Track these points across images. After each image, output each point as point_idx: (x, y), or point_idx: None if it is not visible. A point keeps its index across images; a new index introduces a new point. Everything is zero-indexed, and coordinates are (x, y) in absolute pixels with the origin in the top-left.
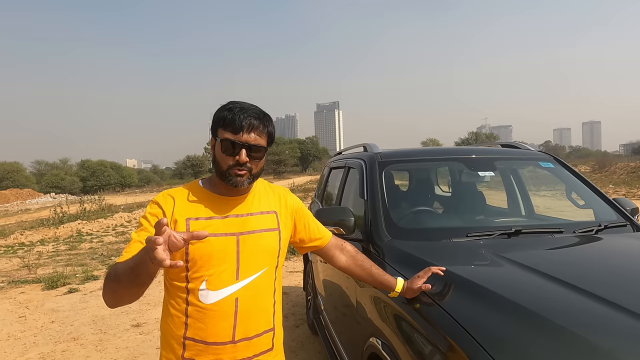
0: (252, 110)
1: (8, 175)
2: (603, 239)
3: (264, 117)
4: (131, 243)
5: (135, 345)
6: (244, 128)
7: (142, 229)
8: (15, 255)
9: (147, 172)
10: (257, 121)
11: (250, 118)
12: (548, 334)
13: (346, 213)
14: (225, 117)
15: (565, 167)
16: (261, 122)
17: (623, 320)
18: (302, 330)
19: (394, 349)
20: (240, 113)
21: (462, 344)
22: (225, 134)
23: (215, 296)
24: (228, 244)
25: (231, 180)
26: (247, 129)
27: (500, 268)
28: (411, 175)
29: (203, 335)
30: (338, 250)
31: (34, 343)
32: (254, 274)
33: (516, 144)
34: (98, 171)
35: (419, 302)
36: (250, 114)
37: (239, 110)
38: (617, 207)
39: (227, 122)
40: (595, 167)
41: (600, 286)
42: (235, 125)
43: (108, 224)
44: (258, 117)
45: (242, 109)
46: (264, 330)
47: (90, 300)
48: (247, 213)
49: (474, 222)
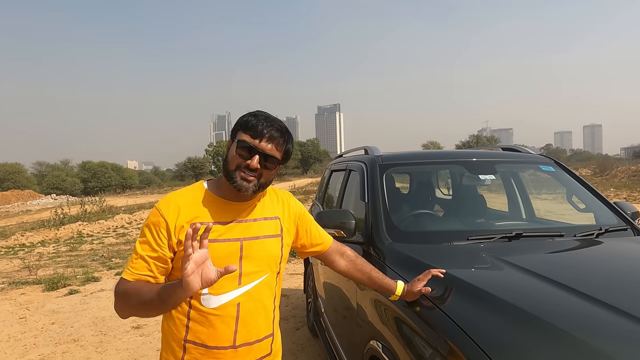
0: (276, 122)
1: (9, 176)
2: (603, 243)
3: (286, 133)
4: (136, 258)
5: (135, 347)
6: (265, 136)
7: (145, 242)
8: (16, 257)
9: (148, 173)
10: (279, 134)
11: (272, 129)
12: (549, 338)
13: (347, 216)
14: (249, 121)
15: (566, 170)
16: (282, 136)
17: (624, 324)
18: (302, 332)
19: (394, 351)
20: (265, 121)
21: (462, 347)
22: (244, 136)
23: (217, 301)
24: (231, 250)
25: (236, 182)
26: (268, 138)
27: (501, 271)
28: (412, 178)
29: (204, 339)
30: (338, 255)
31: (34, 344)
32: (256, 279)
33: (517, 147)
34: (99, 172)
35: (420, 305)
36: (274, 125)
37: (263, 119)
38: (617, 211)
39: (250, 126)
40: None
41: (600, 290)
42: (256, 131)
43: (109, 225)
44: (280, 131)
45: (267, 118)
46: (265, 336)
47: (90, 301)
48: (251, 219)
49: (474, 225)
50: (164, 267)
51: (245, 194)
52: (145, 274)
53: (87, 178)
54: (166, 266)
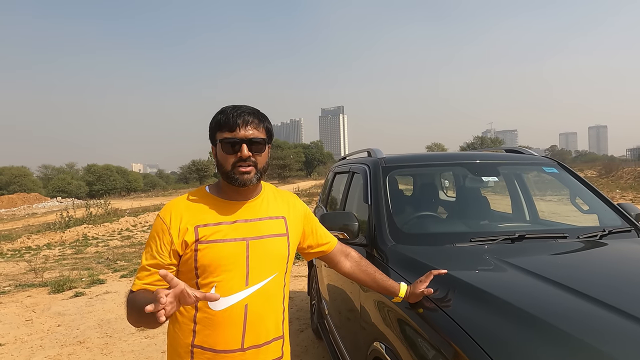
0: (245, 107)
1: (15, 179)
2: (607, 245)
3: (258, 113)
4: (140, 269)
5: (140, 349)
6: (240, 124)
7: (148, 251)
8: (22, 259)
9: (152, 176)
10: (251, 116)
11: (244, 114)
12: (552, 339)
13: (350, 218)
14: (220, 119)
15: (570, 172)
16: (255, 116)
17: (627, 326)
18: (306, 334)
19: (397, 353)
20: (233, 111)
21: (465, 348)
22: (222, 134)
23: (224, 303)
24: (237, 250)
25: (237, 179)
26: (243, 124)
27: (504, 273)
28: (415, 180)
29: (212, 343)
30: (343, 256)
31: (40, 346)
32: (263, 279)
33: (520, 149)
34: (104, 175)
35: (423, 306)
36: (244, 110)
37: (231, 110)
38: (621, 213)
39: (223, 123)
40: (602, 171)
41: (604, 291)
42: (230, 124)
43: (114, 228)
44: (252, 113)
45: (234, 108)
46: (274, 338)
47: (96, 304)
48: (256, 218)
49: (477, 227)
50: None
51: (249, 189)
52: (148, 282)
53: (92, 181)
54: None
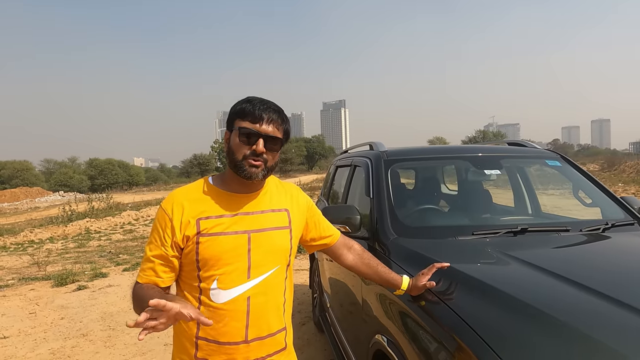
0: (272, 104)
1: (18, 173)
2: (610, 238)
3: (283, 113)
4: (144, 261)
5: (143, 341)
6: (264, 119)
7: (151, 242)
8: (25, 253)
9: (154, 170)
10: (276, 115)
11: (269, 111)
12: (554, 332)
13: (352, 211)
14: (245, 108)
15: (572, 165)
16: (280, 116)
17: (630, 319)
18: (308, 327)
19: (399, 346)
20: (261, 104)
21: (467, 341)
22: (243, 123)
23: (226, 295)
24: (239, 242)
25: (245, 170)
26: (267, 120)
27: (506, 266)
28: (417, 174)
29: (216, 335)
30: (346, 249)
31: (44, 339)
32: (265, 272)
33: (523, 142)
34: (106, 170)
35: (425, 299)
36: (270, 106)
37: (259, 102)
38: (624, 206)
39: (247, 112)
40: (605, 165)
41: (607, 284)
42: (255, 115)
43: (116, 222)
44: (277, 112)
45: (262, 102)
46: (277, 330)
47: (98, 297)
48: (258, 210)
49: (480, 220)
50: (168, 267)
51: (254, 183)
52: (152, 274)
53: (94, 175)
54: (171, 266)
